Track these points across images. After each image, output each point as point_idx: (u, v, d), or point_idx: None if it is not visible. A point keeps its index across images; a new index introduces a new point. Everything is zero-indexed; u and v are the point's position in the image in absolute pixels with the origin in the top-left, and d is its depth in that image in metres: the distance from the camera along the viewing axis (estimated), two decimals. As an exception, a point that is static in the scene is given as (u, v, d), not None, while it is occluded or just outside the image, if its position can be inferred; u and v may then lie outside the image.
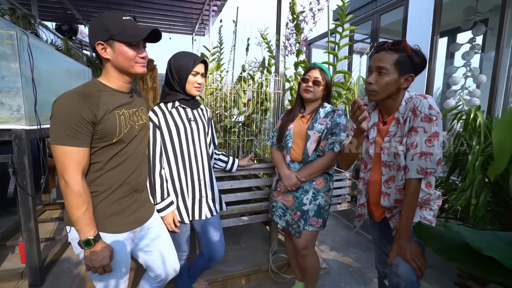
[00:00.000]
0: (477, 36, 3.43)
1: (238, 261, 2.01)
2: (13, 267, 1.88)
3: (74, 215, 0.92)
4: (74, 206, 0.92)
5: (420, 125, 1.06)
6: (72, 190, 0.91)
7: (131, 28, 0.99)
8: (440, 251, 0.78)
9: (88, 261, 0.96)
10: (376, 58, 1.13)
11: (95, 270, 0.98)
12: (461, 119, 2.08)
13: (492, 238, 0.79)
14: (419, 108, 1.07)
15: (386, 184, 1.20)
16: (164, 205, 1.29)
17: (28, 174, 1.61)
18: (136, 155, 1.11)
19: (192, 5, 5.41)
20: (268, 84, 2.13)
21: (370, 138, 1.25)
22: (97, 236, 0.96)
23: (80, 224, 0.93)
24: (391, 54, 1.09)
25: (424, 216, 1.19)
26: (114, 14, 1.00)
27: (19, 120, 1.56)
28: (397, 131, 1.15)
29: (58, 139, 0.90)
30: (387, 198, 1.21)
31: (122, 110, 1.04)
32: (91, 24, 1.00)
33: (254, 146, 2.35)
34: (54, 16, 6.17)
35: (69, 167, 0.91)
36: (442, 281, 1.96)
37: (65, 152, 0.90)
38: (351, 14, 2.33)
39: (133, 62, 1.02)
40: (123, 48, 0.99)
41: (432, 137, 1.05)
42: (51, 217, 2.76)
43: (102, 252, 0.96)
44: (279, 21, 2.11)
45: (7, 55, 1.49)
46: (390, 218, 1.27)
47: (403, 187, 1.14)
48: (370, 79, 1.12)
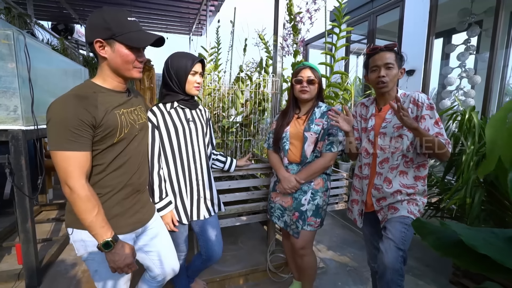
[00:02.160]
0: (472, 37, 3.48)
1: (236, 261, 2.02)
2: (9, 268, 1.87)
3: (87, 220, 0.89)
4: (85, 211, 0.88)
5: (426, 113, 1.24)
6: (79, 195, 0.87)
7: (136, 32, 0.96)
8: (436, 247, 0.80)
9: (112, 263, 0.93)
10: (380, 57, 1.31)
11: (121, 271, 0.95)
12: (456, 120, 2.11)
13: (488, 236, 0.81)
14: (420, 100, 1.26)
15: (380, 165, 1.37)
16: (162, 205, 1.30)
17: (25, 174, 1.60)
18: (137, 155, 1.10)
19: (189, 5, 5.40)
20: (266, 84, 2.14)
21: (369, 126, 1.42)
22: (114, 237, 0.93)
23: (95, 228, 0.90)
24: (390, 53, 1.30)
25: (411, 211, 1.30)
26: (119, 12, 0.96)
27: (16, 120, 1.55)
28: (393, 118, 1.32)
29: (58, 145, 0.86)
30: (379, 177, 1.37)
31: (122, 110, 1.02)
32: (91, 18, 0.94)
33: (251, 146, 2.36)
34: (50, 16, 6.12)
35: (72, 172, 0.87)
36: (437, 279, 1.99)
37: (67, 158, 0.86)
38: (348, 16, 2.35)
39: (131, 65, 0.99)
40: (123, 50, 0.95)
41: (438, 121, 1.23)
42: (48, 217, 2.75)
43: (123, 251, 0.94)
44: (277, 22, 2.12)
45: (3, 55, 1.48)
46: (378, 211, 1.40)
47: (396, 166, 1.32)
48: (382, 73, 1.30)
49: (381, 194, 1.36)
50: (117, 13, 0.95)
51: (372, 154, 1.40)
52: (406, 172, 1.32)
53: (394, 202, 1.33)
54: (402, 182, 1.32)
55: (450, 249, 0.77)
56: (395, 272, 1.21)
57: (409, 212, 1.29)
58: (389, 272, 1.22)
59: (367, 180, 1.43)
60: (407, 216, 1.28)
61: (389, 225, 1.31)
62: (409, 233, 1.25)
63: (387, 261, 1.22)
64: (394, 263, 1.21)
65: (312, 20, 2.00)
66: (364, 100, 1.51)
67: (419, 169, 1.32)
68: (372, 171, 1.41)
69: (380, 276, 1.26)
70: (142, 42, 0.97)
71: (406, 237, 1.24)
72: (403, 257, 1.24)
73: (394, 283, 1.22)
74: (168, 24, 6.77)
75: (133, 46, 0.96)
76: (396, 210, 1.31)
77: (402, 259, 1.23)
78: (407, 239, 1.25)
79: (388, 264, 1.21)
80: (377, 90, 1.37)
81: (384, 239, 1.28)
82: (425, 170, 1.33)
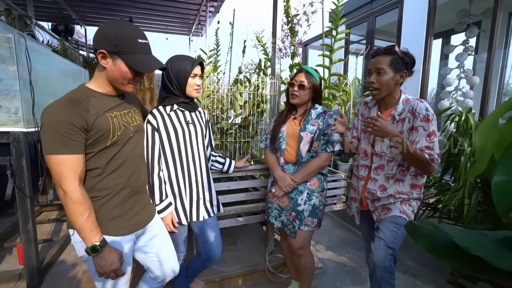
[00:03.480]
0: (471, 38, 3.48)
1: (235, 261, 2.03)
2: (10, 269, 1.88)
3: (77, 223, 0.91)
4: (76, 214, 0.91)
5: (420, 125, 1.22)
6: (71, 198, 0.90)
7: (142, 55, 0.98)
8: (429, 249, 0.81)
9: (98, 267, 0.95)
10: (373, 61, 1.31)
11: (107, 276, 0.97)
12: (453, 121, 2.13)
13: (480, 238, 0.82)
14: (417, 110, 1.24)
15: (375, 171, 1.38)
16: (162, 207, 1.31)
17: (26, 176, 1.62)
18: (133, 157, 1.11)
19: (189, 6, 5.42)
20: (264, 86, 2.16)
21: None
22: (102, 241, 0.95)
23: (84, 231, 0.92)
24: (385, 57, 1.28)
25: (403, 210, 1.32)
26: (132, 32, 0.97)
27: (17, 122, 1.57)
28: None
29: (51, 149, 0.88)
30: (374, 182, 1.38)
31: (114, 112, 1.03)
32: (104, 27, 0.96)
33: (250, 147, 2.37)
34: (50, 16, 6.14)
35: (65, 175, 0.89)
36: (435, 279, 2.00)
37: (60, 161, 0.89)
38: (345, 18, 2.36)
39: (127, 82, 1.01)
40: (123, 67, 0.97)
41: (432, 134, 1.21)
42: (48, 218, 2.76)
43: (110, 256, 0.96)
44: (275, 24, 2.13)
45: (4, 58, 1.50)
46: (373, 211, 1.42)
47: (392, 176, 1.33)
48: (371, 79, 1.30)
49: (374, 197, 1.38)
50: (129, 32, 0.96)
51: (371, 156, 1.41)
52: (402, 180, 1.33)
53: (388, 203, 1.35)
54: (397, 189, 1.33)
55: (443, 251, 0.78)
56: (384, 270, 1.23)
57: (401, 211, 1.31)
58: (378, 270, 1.24)
59: (362, 181, 1.45)
60: (399, 215, 1.30)
61: (381, 225, 1.33)
62: (400, 232, 1.27)
63: (376, 259, 1.24)
64: (383, 261, 1.23)
65: (309, 23, 2.01)
66: (368, 100, 1.50)
67: (416, 177, 1.32)
68: (368, 174, 1.43)
69: (371, 274, 1.30)
70: (144, 69, 0.99)
71: (396, 236, 1.26)
72: (393, 255, 1.25)
73: (384, 280, 1.24)
74: (167, 25, 6.78)
75: (135, 69, 0.98)
76: (389, 211, 1.33)
77: (391, 257, 1.24)
78: (397, 238, 1.26)
79: (377, 262, 1.24)
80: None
81: (376, 238, 1.31)
82: (422, 178, 1.33)
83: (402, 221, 1.29)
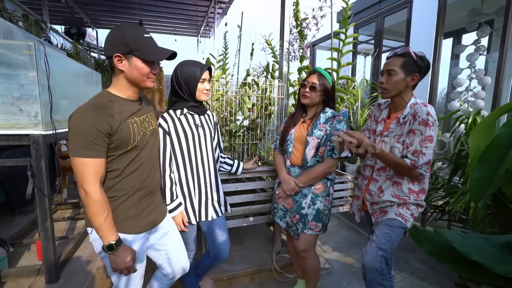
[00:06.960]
0: (482, 37, 3.42)
1: (243, 261, 2.08)
2: (29, 264, 1.98)
3: (96, 222, 0.97)
4: (95, 214, 0.97)
5: (418, 128, 1.23)
6: (92, 199, 0.96)
7: (151, 47, 1.04)
8: (431, 253, 0.84)
9: (113, 263, 1.02)
10: (386, 63, 1.35)
11: (120, 272, 1.04)
12: (462, 122, 2.11)
13: (482, 242, 0.84)
14: (418, 113, 1.25)
15: (378, 172, 1.41)
16: (173, 206, 1.37)
17: (45, 176, 1.70)
18: (149, 159, 1.17)
19: (197, 7, 5.49)
20: (272, 89, 2.19)
21: (378, 130, 1.44)
22: (118, 240, 1.01)
23: (102, 230, 0.98)
24: (398, 58, 1.31)
25: (399, 213, 1.32)
26: (136, 29, 1.03)
27: (37, 125, 1.65)
28: (396, 129, 1.33)
29: (76, 152, 0.94)
30: (375, 184, 1.40)
31: (134, 118, 1.10)
32: (111, 34, 1.02)
33: (258, 149, 2.41)
34: (63, 20, 6.32)
35: (88, 177, 0.95)
36: (442, 282, 2.00)
37: (84, 164, 0.95)
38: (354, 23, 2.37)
39: (146, 77, 1.07)
40: (139, 63, 1.03)
41: (427, 139, 1.20)
42: (63, 216, 2.87)
43: (124, 254, 1.02)
44: (283, 27, 2.15)
45: (26, 65, 1.58)
46: (372, 214, 1.43)
47: (390, 177, 1.35)
48: (382, 80, 1.34)
49: (373, 199, 1.40)
50: (134, 30, 1.03)
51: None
52: (400, 183, 1.33)
53: (385, 206, 1.37)
54: (394, 192, 1.33)
55: (444, 255, 0.81)
56: (374, 272, 1.24)
57: (397, 214, 1.31)
58: (368, 272, 1.25)
59: (366, 181, 1.48)
60: (394, 218, 1.31)
61: (376, 228, 1.35)
62: (394, 234, 1.28)
63: (365, 261, 1.26)
64: (372, 263, 1.24)
65: (318, 27, 2.03)
66: (382, 102, 1.51)
67: (413, 182, 1.31)
68: (371, 174, 1.45)
69: (363, 277, 1.32)
70: (158, 57, 1.05)
71: (389, 238, 1.27)
72: (384, 256, 1.25)
73: (375, 282, 1.25)
74: (176, 27, 6.88)
75: (149, 60, 1.04)
76: (386, 213, 1.35)
77: (382, 259, 1.25)
78: (390, 240, 1.27)
79: (366, 263, 1.25)
80: None
81: (368, 241, 1.33)
82: (420, 185, 1.31)
83: (397, 223, 1.29)
